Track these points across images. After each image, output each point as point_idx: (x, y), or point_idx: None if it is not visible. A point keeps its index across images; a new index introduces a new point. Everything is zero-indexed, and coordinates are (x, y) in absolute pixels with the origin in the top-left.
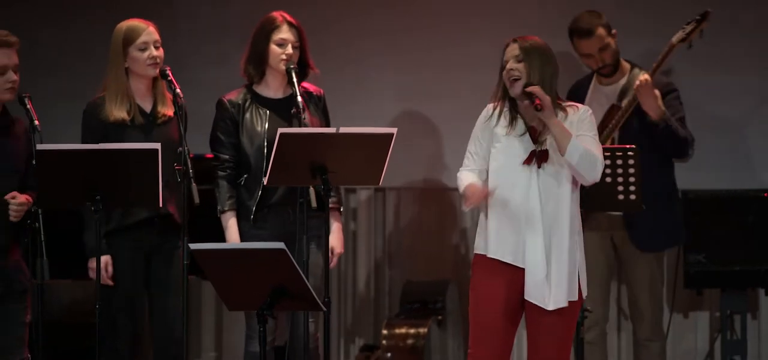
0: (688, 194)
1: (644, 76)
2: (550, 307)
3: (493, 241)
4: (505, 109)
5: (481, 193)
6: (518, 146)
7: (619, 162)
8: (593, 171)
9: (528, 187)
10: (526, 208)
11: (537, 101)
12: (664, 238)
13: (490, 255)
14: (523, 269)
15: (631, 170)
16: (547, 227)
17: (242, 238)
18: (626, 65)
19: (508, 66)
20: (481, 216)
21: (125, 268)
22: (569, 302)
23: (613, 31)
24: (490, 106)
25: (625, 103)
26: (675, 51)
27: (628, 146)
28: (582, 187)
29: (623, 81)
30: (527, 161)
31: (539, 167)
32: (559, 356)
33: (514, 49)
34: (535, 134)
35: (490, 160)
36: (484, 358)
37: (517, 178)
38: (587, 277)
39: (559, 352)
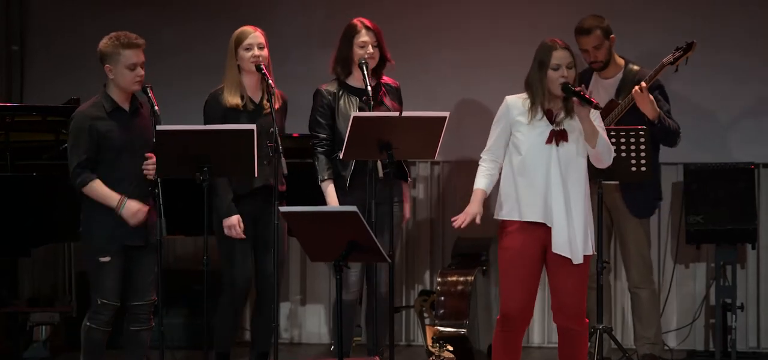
0: (689, 166)
1: (641, 85)
2: (575, 261)
3: (523, 206)
4: (526, 99)
5: (470, 214)
6: (539, 129)
7: (632, 140)
8: (610, 158)
9: (549, 161)
10: (549, 178)
11: (593, 102)
12: (649, 207)
13: (522, 219)
14: (548, 228)
15: (642, 147)
16: (566, 193)
17: (340, 203)
18: (621, 61)
19: (564, 72)
20: (502, 190)
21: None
22: (585, 256)
23: (612, 35)
24: (511, 98)
25: (622, 101)
26: (664, 70)
27: (639, 127)
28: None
29: (619, 76)
30: (549, 141)
31: (558, 145)
32: (579, 300)
33: (567, 57)
34: (550, 116)
35: (517, 144)
36: (516, 304)
37: (541, 155)
38: (601, 236)
39: (578, 297)
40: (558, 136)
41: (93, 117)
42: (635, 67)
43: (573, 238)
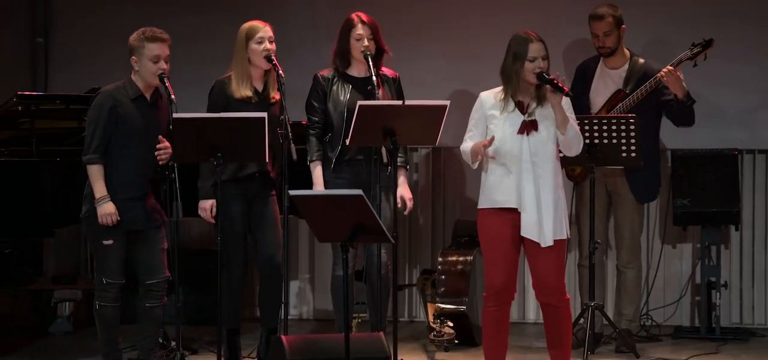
0: (676, 152)
1: (669, 68)
2: (543, 245)
3: (497, 192)
4: (499, 91)
5: (481, 145)
6: (511, 120)
7: (623, 127)
8: (579, 146)
9: (520, 150)
10: (520, 166)
11: (565, 90)
12: (652, 192)
13: (496, 205)
14: (520, 212)
15: (632, 134)
16: (536, 180)
17: (325, 184)
18: (627, 52)
19: (541, 64)
20: (483, 180)
21: (235, 210)
22: (557, 240)
23: (623, 25)
24: (484, 94)
25: (635, 90)
26: (682, 65)
27: (629, 115)
28: (593, 145)
29: (626, 66)
30: (521, 131)
31: (528, 135)
32: (556, 279)
33: (541, 49)
34: (522, 107)
35: (489, 135)
36: (498, 280)
37: (513, 145)
38: (594, 217)
39: (556, 275)
40: (529, 127)
41: (116, 99)
42: (641, 60)
43: (542, 222)
